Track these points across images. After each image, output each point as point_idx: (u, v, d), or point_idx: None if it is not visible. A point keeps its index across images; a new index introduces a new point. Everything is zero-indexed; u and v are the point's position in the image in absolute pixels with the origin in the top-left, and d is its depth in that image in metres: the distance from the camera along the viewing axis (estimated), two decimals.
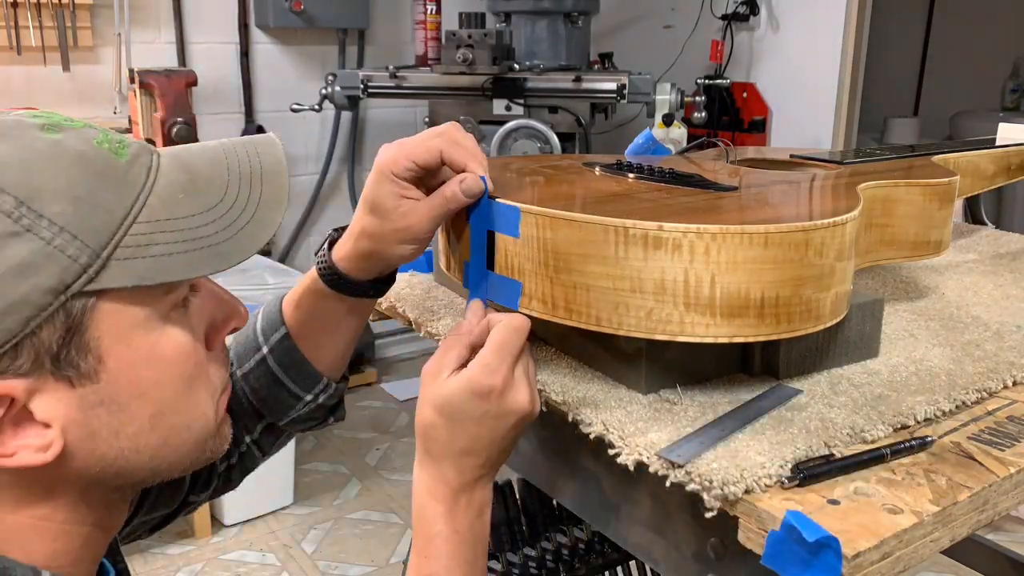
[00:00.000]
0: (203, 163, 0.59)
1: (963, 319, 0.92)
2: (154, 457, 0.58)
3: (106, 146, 0.54)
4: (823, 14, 2.79)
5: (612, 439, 0.66)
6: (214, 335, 0.62)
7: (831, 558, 0.54)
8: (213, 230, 0.56)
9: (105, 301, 0.52)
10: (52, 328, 0.50)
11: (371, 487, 2.65)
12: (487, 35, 2.37)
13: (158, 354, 0.56)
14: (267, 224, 0.58)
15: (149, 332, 0.55)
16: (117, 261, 0.52)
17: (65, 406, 0.52)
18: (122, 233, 0.52)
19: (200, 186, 0.57)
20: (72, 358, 0.52)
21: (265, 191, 0.59)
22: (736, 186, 0.83)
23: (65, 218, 0.50)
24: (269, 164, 0.61)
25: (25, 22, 2.49)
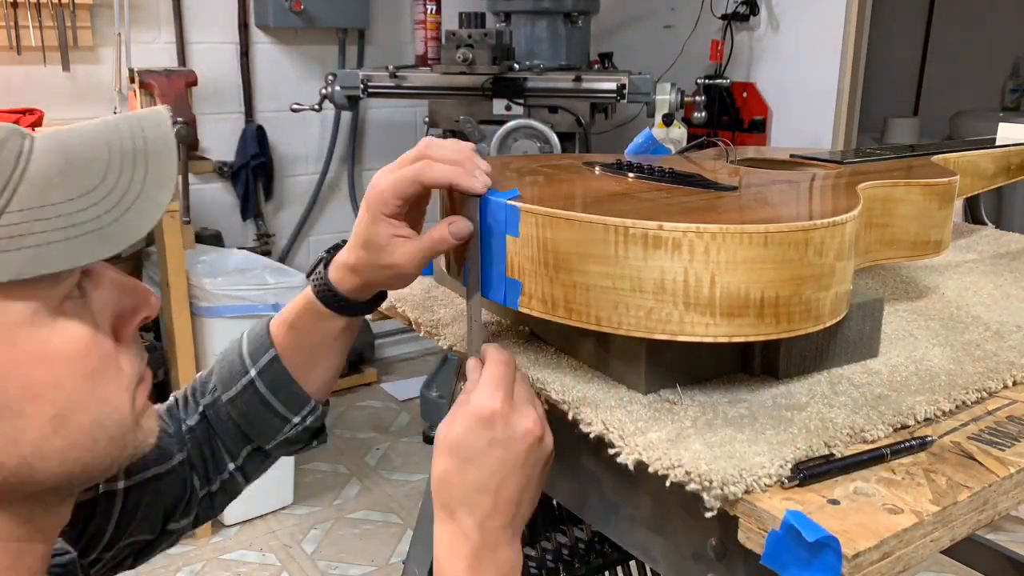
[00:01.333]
0: (81, 144, 0.54)
1: (963, 319, 0.92)
2: (63, 461, 0.53)
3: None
4: (823, 14, 2.79)
5: (612, 439, 0.66)
6: (123, 326, 0.58)
7: (831, 558, 0.54)
8: (94, 214, 0.51)
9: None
10: None
11: (371, 487, 2.65)
12: (487, 35, 2.37)
13: (51, 351, 0.51)
14: (154, 204, 0.54)
15: (37, 329, 0.51)
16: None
17: None
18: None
19: (78, 168, 0.53)
20: None
21: (151, 169, 0.55)
22: (736, 186, 0.83)
23: None
24: (155, 140, 0.56)
25: (25, 22, 2.49)
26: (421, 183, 0.70)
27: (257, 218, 3.08)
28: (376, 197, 0.71)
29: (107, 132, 0.56)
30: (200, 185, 2.92)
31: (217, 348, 0.73)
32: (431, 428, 2.86)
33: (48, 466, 0.53)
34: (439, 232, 0.71)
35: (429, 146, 0.71)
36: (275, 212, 3.14)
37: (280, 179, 3.12)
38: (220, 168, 2.96)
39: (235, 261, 2.62)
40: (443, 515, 0.67)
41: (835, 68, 2.78)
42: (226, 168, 2.98)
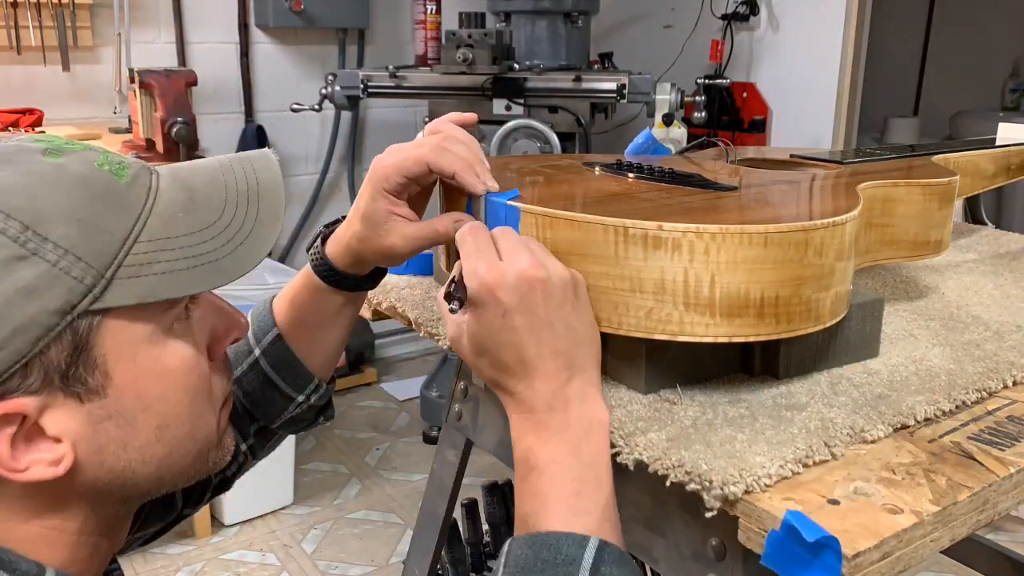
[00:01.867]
0: (201, 182, 0.60)
1: (963, 319, 0.92)
2: (160, 468, 0.59)
3: (107, 168, 0.56)
4: (823, 14, 2.79)
5: (612, 438, 0.66)
6: (216, 346, 0.63)
7: (831, 558, 0.54)
8: (212, 247, 0.57)
9: (110, 319, 0.54)
10: (60, 347, 0.52)
11: (371, 487, 2.65)
12: (487, 35, 2.37)
13: (162, 367, 0.57)
14: (264, 240, 0.59)
15: (153, 346, 0.56)
16: (120, 280, 0.53)
17: (75, 421, 0.54)
18: (124, 253, 0.54)
19: (199, 204, 0.58)
20: (80, 375, 0.53)
21: (262, 208, 0.60)
22: (736, 186, 0.83)
23: (69, 241, 0.52)
24: (265, 181, 0.62)
25: (25, 22, 2.49)
26: (427, 165, 0.70)
27: None
28: (380, 171, 0.72)
29: (223, 172, 0.62)
30: None
31: None
32: (431, 428, 2.86)
33: (147, 471, 0.58)
34: (443, 225, 0.72)
35: (446, 137, 0.72)
36: None
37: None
38: None
39: None
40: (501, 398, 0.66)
41: (835, 68, 2.78)
42: None
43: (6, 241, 0.50)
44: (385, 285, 1.02)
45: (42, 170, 0.53)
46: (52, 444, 0.54)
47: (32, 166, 0.53)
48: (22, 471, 0.53)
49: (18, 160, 0.53)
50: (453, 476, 1.08)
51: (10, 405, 0.51)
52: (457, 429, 1.02)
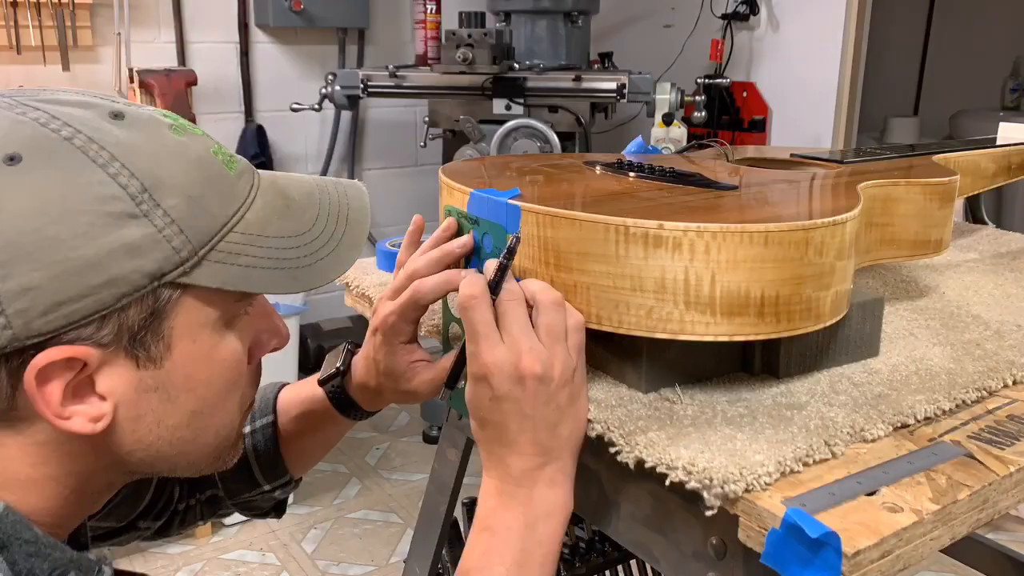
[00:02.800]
0: (298, 193, 0.63)
1: (963, 318, 0.92)
2: (180, 452, 0.60)
3: (220, 157, 0.58)
4: (823, 14, 2.79)
5: (612, 437, 0.66)
6: (256, 350, 0.65)
7: (831, 556, 0.54)
8: (296, 255, 0.60)
9: (189, 296, 0.55)
10: (139, 309, 0.53)
11: (371, 487, 2.65)
12: (487, 35, 2.37)
13: (216, 356, 0.59)
14: (344, 261, 0.62)
15: (214, 333, 0.58)
16: (209, 262, 0.55)
17: (125, 384, 0.55)
18: (219, 238, 0.56)
19: (294, 212, 0.61)
20: (147, 340, 0.55)
21: (348, 231, 0.64)
22: (736, 185, 0.83)
23: (178, 212, 0.54)
24: (356, 207, 0.66)
25: (25, 21, 2.49)
26: (422, 304, 0.73)
27: None
28: (390, 329, 0.75)
29: (319, 190, 0.65)
30: None
31: None
32: (431, 428, 2.86)
33: (169, 452, 0.59)
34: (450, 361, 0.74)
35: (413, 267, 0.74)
36: None
37: None
38: None
39: None
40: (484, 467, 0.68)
41: (835, 68, 2.78)
42: None
43: (125, 197, 0.52)
44: (385, 285, 1.02)
45: (168, 143, 0.56)
46: (98, 400, 0.54)
47: (161, 137, 0.56)
48: (65, 419, 0.53)
49: (149, 127, 0.56)
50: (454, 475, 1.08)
51: (79, 351, 0.52)
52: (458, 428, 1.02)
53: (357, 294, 1.05)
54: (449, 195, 0.80)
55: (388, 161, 3.34)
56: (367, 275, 1.06)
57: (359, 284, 1.04)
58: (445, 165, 0.89)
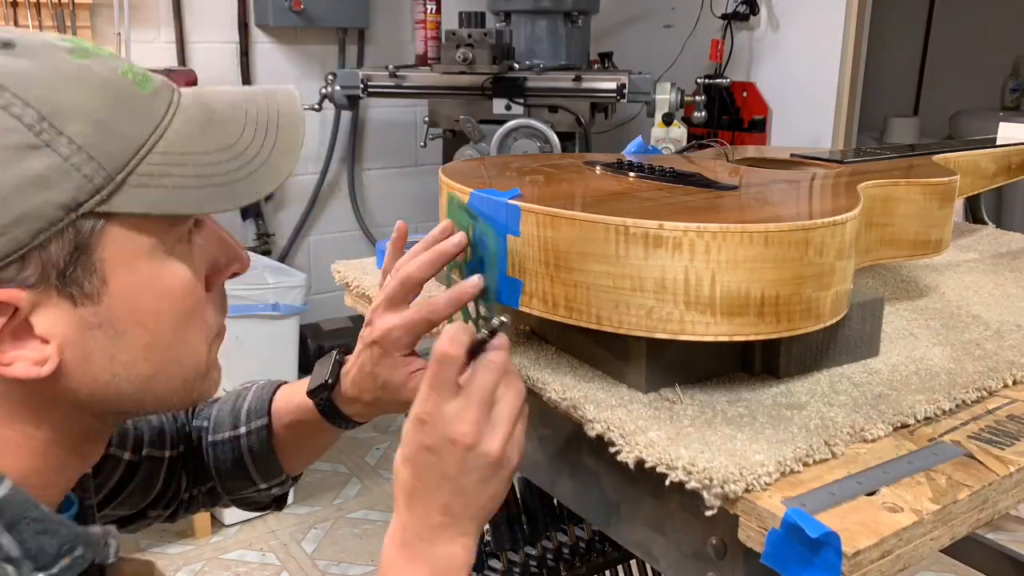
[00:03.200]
0: (223, 104, 0.60)
1: (963, 318, 0.92)
2: (143, 389, 0.58)
3: (130, 76, 0.55)
4: (823, 14, 2.79)
5: (613, 437, 0.66)
6: (214, 277, 0.63)
7: (831, 556, 0.54)
8: (225, 169, 0.56)
9: (114, 225, 0.53)
10: (60, 244, 0.51)
11: (371, 486, 2.65)
12: (487, 35, 2.37)
13: (160, 285, 0.56)
14: (278, 171, 0.59)
15: (153, 262, 0.55)
16: (130, 187, 0.52)
17: (64, 324, 0.53)
18: (137, 161, 0.53)
19: (217, 125, 0.58)
20: (77, 276, 0.52)
21: (280, 138, 0.60)
22: (736, 185, 0.83)
23: (84, 138, 0.51)
24: (287, 114, 0.62)
25: (25, 21, 2.49)
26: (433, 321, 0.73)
27: (257, 217, 3.08)
28: (393, 343, 0.74)
29: (245, 99, 0.61)
30: None
31: None
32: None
33: (130, 389, 0.57)
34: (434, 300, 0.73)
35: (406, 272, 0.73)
36: (275, 211, 3.14)
37: None
38: None
39: None
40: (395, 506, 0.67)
41: (835, 68, 2.78)
42: None
43: (20, 128, 0.49)
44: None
45: (66, 67, 0.53)
46: (39, 344, 0.53)
47: (57, 62, 0.53)
48: (6, 365, 0.52)
49: (43, 54, 0.53)
50: None
51: (3, 295, 0.50)
52: None
53: (357, 294, 1.05)
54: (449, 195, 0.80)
55: (388, 161, 3.34)
56: (367, 275, 1.06)
57: (359, 284, 1.04)
58: (445, 165, 0.89)
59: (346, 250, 3.21)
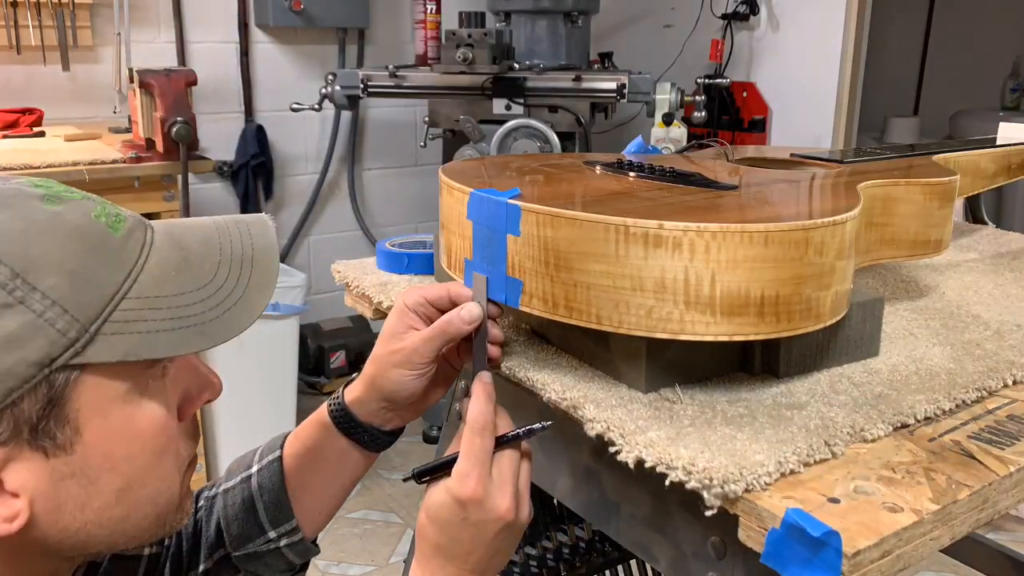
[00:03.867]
0: (196, 242, 0.59)
1: (963, 318, 0.92)
2: (115, 532, 0.57)
3: (103, 220, 0.54)
4: (823, 14, 2.79)
5: (613, 437, 0.66)
6: (187, 406, 0.62)
7: (831, 555, 0.54)
8: (201, 309, 0.56)
9: (88, 374, 0.52)
10: (33, 399, 0.50)
11: (371, 487, 2.65)
12: (487, 35, 2.37)
13: (133, 428, 0.55)
14: (254, 306, 0.58)
15: (127, 405, 0.54)
16: (104, 336, 0.51)
17: (36, 476, 0.52)
18: (111, 308, 0.52)
19: (192, 265, 0.57)
20: (50, 429, 0.51)
21: (255, 274, 0.59)
22: (736, 185, 0.83)
23: (58, 292, 0.50)
24: (261, 247, 0.61)
25: (25, 21, 2.49)
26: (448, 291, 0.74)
27: None
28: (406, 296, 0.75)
29: (219, 233, 0.61)
30: (200, 185, 2.92)
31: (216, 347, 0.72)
32: (431, 428, 2.86)
33: (102, 533, 0.56)
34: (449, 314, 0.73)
35: None
36: (275, 212, 3.14)
37: (280, 179, 3.12)
38: (220, 168, 2.95)
39: None
40: (419, 558, 0.69)
41: (835, 68, 2.78)
42: (226, 168, 2.98)
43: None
44: (386, 285, 1.02)
45: (38, 217, 0.51)
46: (9, 499, 0.51)
47: (29, 212, 0.52)
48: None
49: (16, 204, 0.52)
50: None
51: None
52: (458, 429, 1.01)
53: (357, 294, 1.05)
54: (449, 195, 0.80)
55: (388, 161, 3.34)
56: (367, 275, 1.06)
57: (359, 284, 1.04)
58: (445, 165, 0.89)
59: (346, 250, 3.21)
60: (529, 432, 0.68)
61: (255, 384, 2.43)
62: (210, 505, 0.84)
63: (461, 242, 0.77)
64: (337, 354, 3.09)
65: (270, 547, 0.81)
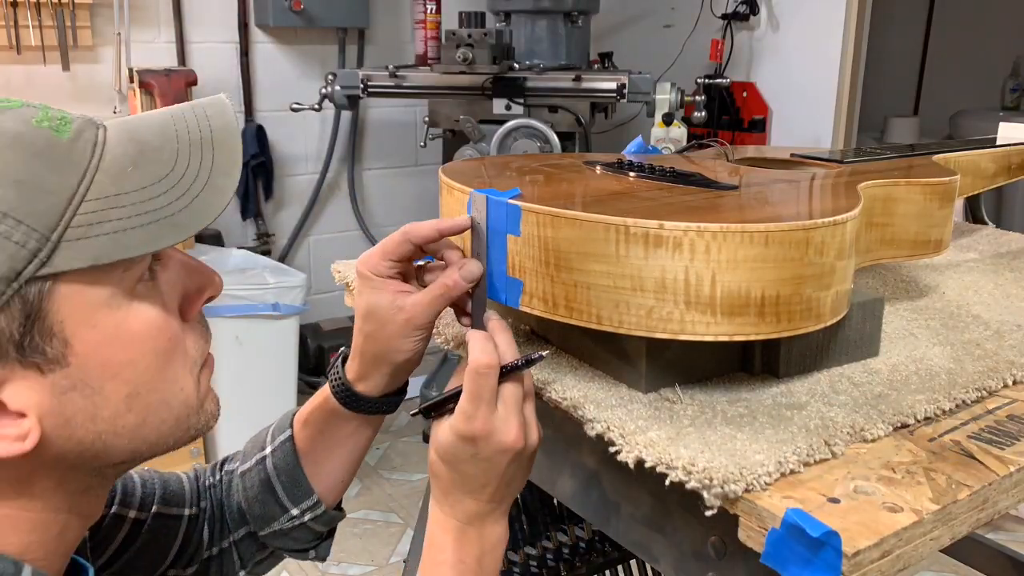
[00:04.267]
0: (151, 133, 0.56)
1: (963, 318, 0.92)
2: (133, 438, 0.56)
3: (46, 124, 0.52)
4: (823, 14, 2.79)
5: (613, 437, 0.67)
6: (189, 306, 0.60)
7: (831, 555, 0.54)
8: (166, 201, 0.53)
9: (62, 284, 0.51)
10: (9, 316, 0.49)
11: (371, 487, 2.65)
12: (487, 34, 2.37)
13: (127, 332, 0.54)
14: (222, 190, 0.56)
15: (115, 311, 0.53)
16: (68, 242, 0.50)
17: (37, 393, 0.51)
18: (70, 214, 0.50)
19: (149, 157, 0.55)
20: (37, 344, 0.51)
21: (217, 156, 0.57)
22: (736, 185, 0.83)
23: (7, 204, 0.49)
24: (219, 128, 0.58)
25: (25, 21, 2.49)
26: (409, 240, 0.70)
27: (257, 217, 3.08)
28: (365, 264, 0.71)
29: (174, 121, 0.57)
30: None
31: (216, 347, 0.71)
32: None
33: (119, 442, 0.56)
34: (451, 277, 0.70)
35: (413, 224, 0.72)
36: (275, 211, 3.14)
37: (280, 178, 3.12)
38: None
39: (235, 260, 2.62)
40: (436, 495, 0.70)
41: (835, 68, 2.78)
42: None
43: None
44: None
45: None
46: (16, 419, 0.51)
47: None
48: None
49: None
50: None
51: None
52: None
53: (357, 294, 1.05)
54: (449, 195, 0.80)
55: (388, 161, 3.34)
56: None
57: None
58: (445, 165, 0.89)
59: (346, 250, 3.21)
60: (528, 362, 0.68)
61: (255, 384, 2.43)
62: (229, 480, 0.85)
63: (461, 242, 0.77)
64: (337, 354, 3.09)
65: (295, 523, 0.82)
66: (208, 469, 0.87)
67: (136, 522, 0.78)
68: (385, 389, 0.78)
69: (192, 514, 0.83)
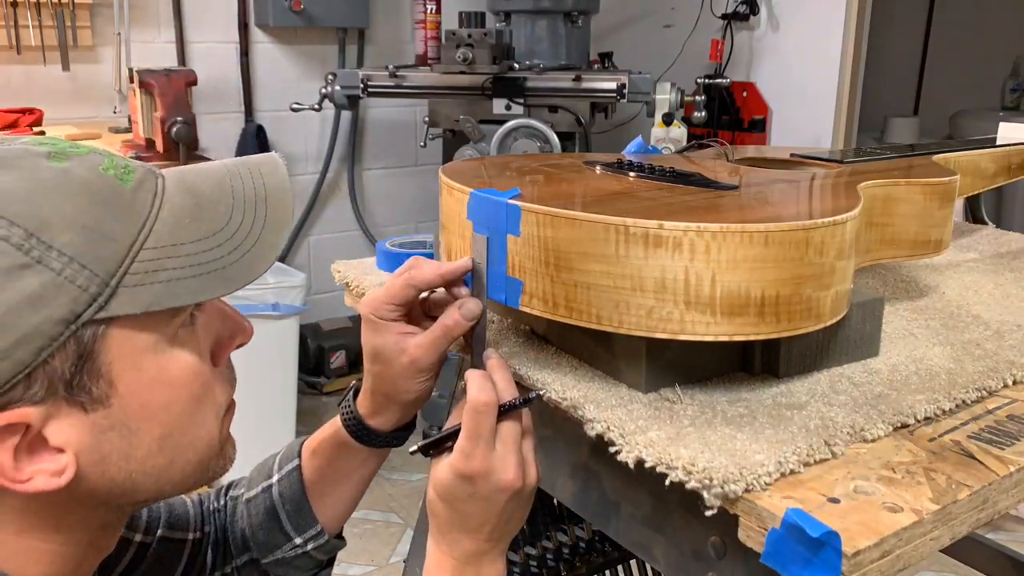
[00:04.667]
0: (208, 187, 0.59)
1: (963, 318, 0.92)
2: (160, 478, 0.58)
3: (111, 172, 0.55)
4: (823, 14, 2.79)
5: (612, 437, 0.66)
6: (220, 352, 0.63)
7: (831, 556, 0.54)
8: (219, 254, 0.56)
9: (115, 327, 0.53)
10: (64, 356, 0.51)
11: (371, 487, 2.64)
12: (487, 34, 2.37)
13: (167, 376, 0.56)
14: (271, 247, 0.59)
15: (158, 355, 0.55)
16: (125, 288, 0.52)
17: (78, 431, 0.53)
18: (130, 260, 0.53)
19: (205, 210, 0.57)
20: (85, 384, 0.52)
21: (269, 214, 0.59)
22: (736, 185, 0.83)
23: (74, 248, 0.51)
24: (273, 186, 0.61)
25: (25, 21, 2.49)
26: (412, 286, 0.71)
27: None
28: (369, 307, 0.72)
29: (230, 176, 0.61)
30: None
31: None
32: (431, 428, 2.86)
33: (147, 482, 0.58)
34: (451, 317, 0.72)
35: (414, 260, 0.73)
36: None
37: None
38: None
39: None
40: (434, 533, 0.70)
41: (835, 68, 2.78)
42: None
43: (9, 249, 0.49)
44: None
45: (45, 175, 0.52)
46: (55, 454, 0.53)
47: (35, 171, 0.52)
48: (24, 481, 0.52)
49: (21, 165, 0.52)
50: None
51: (13, 415, 0.50)
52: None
53: (357, 294, 1.05)
54: (449, 195, 0.80)
55: (388, 161, 3.34)
56: (367, 275, 1.06)
57: (359, 284, 1.04)
58: (445, 165, 0.89)
59: (346, 250, 3.21)
60: (527, 401, 0.68)
61: (255, 384, 2.42)
62: (234, 507, 0.85)
63: (461, 242, 0.77)
64: (337, 354, 3.09)
65: (298, 552, 0.83)
66: (213, 494, 0.88)
67: (142, 545, 0.79)
68: (396, 424, 0.80)
69: (196, 538, 0.83)
